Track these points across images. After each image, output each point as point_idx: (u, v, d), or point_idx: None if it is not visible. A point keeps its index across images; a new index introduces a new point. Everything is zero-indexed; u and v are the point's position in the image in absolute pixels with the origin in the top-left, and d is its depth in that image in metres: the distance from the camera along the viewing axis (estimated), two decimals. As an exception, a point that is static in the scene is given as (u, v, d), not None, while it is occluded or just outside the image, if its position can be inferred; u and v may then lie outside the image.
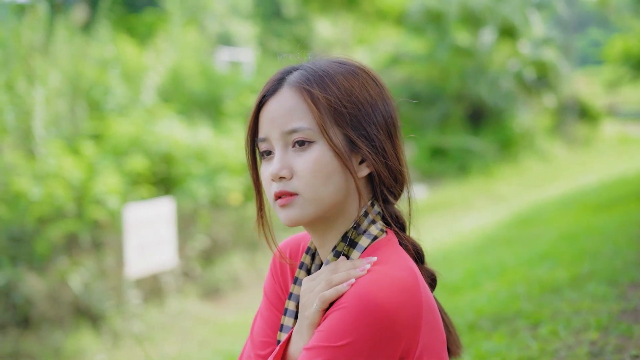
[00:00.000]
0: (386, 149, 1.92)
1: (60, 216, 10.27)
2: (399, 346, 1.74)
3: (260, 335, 2.10)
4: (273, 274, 2.20)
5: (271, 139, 1.91)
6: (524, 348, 3.18)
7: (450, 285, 5.04)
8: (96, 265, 10.24)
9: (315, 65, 1.96)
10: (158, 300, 10.01)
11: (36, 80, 11.54)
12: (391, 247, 1.90)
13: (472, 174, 14.00)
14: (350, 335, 1.71)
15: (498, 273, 4.95)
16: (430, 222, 11.49)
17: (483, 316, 3.71)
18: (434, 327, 1.83)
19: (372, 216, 1.94)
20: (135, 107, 12.30)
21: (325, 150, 1.86)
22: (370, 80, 1.97)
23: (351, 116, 1.89)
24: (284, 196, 1.88)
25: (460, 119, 15.78)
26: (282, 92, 1.92)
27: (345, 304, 1.75)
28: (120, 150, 11.22)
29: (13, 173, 10.25)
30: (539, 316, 3.56)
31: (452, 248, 7.83)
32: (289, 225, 1.92)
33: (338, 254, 1.91)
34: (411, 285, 1.78)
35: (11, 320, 9.68)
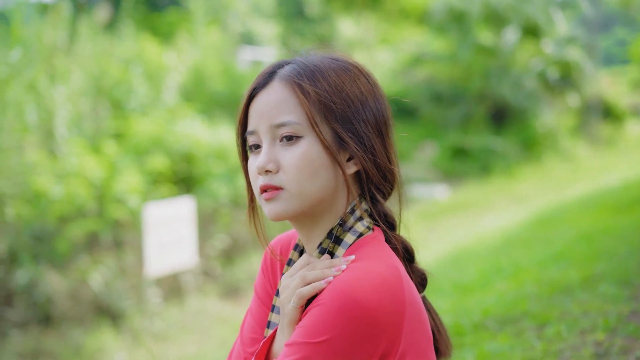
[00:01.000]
0: (375, 147, 1.90)
1: (81, 215, 10.34)
2: (379, 344, 1.72)
3: (249, 332, 2.09)
4: (264, 271, 2.20)
5: (259, 132, 1.90)
6: (528, 349, 3.16)
7: (462, 285, 5.02)
8: (116, 264, 10.29)
9: (307, 60, 1.94)
10: (178, 299, 10.04)
11: (58, 80, 11.61)
12: (376, 244, 1.88)
13: (494, 174, 13.93)
14: (328, 332, 1.70)
15: (511, 273, 4.92)
16: (451, 222, 11.45)
17: (490, 316, 3.69)
18: (419, 327, 1.81)
19: (359, 213, 1.92)
20: (157, 107, 12.35)
21: (313, 146, 1.85)
22: (362, 77, 1.95)
23: (340, 112, 1.87)
24: (270, 190, 1.87)
25: (482, 118, 15.72)
26: (272, 85, 1.91)
27: (323, 300, 1.74)
28: (141, 150, 11.27)
29: (35, 172, 10.33)
30: (546, 317, 3.53)
31: (469, 248, 7.80)
32: (273, 220, 1.91)
33: (323, 250, 1.90)
34: (393, 282, 1.76)
35: (33, 318, 9.75)
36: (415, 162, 14.98)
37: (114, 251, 10.49)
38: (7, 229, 10.25)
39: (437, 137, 15.56)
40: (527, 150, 15.20)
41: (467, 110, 15.73)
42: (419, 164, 14.84)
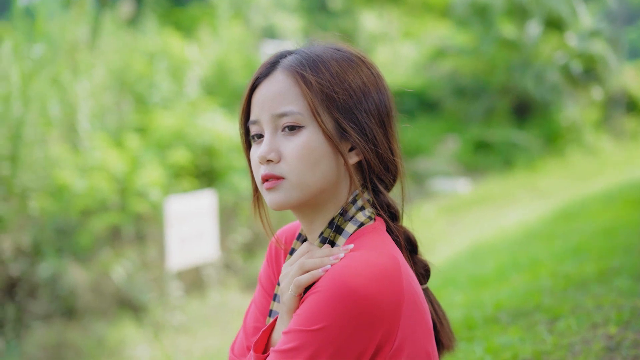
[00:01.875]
0: (377, 138, 1.91)
1: (104, 208, 10.40)
2: (376, 333, 1.73)
3: (253, 322, 2.11)
4: (268, 261, 2.21)
5: (261, 122, 1.91)
6: (539, 342, 3.14)
7: (478, 279, 5.01)
8: (139, 257, 10.35)
9: (310, 50, 1.95)
10: (199, 293, 10.09)
11: (81, 74, 11.69)
12: (377, 234, 1.89)
13: (517, 168, 13.87)
14: (324, 320, 1.71)
15: (527, 267, 4.91)
16: (473, 216, 11.42)
17: (502, 309, 3.69)
18: (418, 318, 1.81)
19: (360, 203, 1.93)
20: (179, 101, 12.40)
21: (315, 136, 1.86)
22: (365, 69, 1.96)
23: (342, 102, 1.88)
24: (271, 179, 1.88)
25: (505, 112, 15.64)
26: (274, 75, 1.92)
27: (320, 288, 1.74)
28: (163, 143, 11.32)
29: (58, 166, 10.40)
30: (559, 310, 3.52)
31: (489, 242, 7.78)
32: (274, 209, 1.92)
33: (324, 240, 1.90)
34: (391, 272, 1.77)
35: (56, 310, 9.82)
36: (437, 155, 14.95)
37: (136, 244, 10.55)
38: (31, 222, 10.34)
39: (460, 131, 15.50)
40: (550, 144, 15.11)
41: (489, 104, 15.65)
42: (441, 158, 14.80)
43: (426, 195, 13.27)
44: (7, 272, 9.91)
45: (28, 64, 11.51)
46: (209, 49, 13.77)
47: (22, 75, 11.17)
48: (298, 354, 1.72)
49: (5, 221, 10.12)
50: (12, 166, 10.41)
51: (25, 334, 9.42)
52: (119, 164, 10.52)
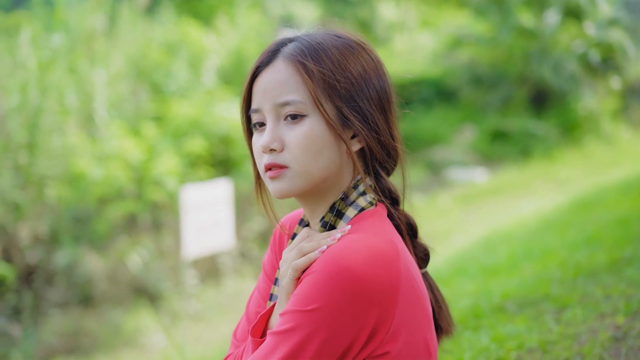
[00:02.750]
0: (379, 124, 1.92)
1: (120, 197, 10.45)
2: (370, 314, 1.73)
3: (255, 307, 2.12)
4: (272, 248, 2.23)
5: (263, 111, 1.92)
6: (545, 332, 3.14)
7: (490, 268, 5.00)
8: (155, 246, 10.40)
9: (310, 38, 1.96)
10: (215, 281, 10.12)
11: (99, 63, 11.73)
12: (376, 219, 1.90)
13: (534, 158, 13.79)
14: (319, 300, 1.72)
15: (539, 256, 4.89)
16: (489, 206, 11.38)
17: (510, 299, 3.68)
18: (416, 305, 1.82)
19: (362, 188, 1.94)
20: (196, 89, 12.41)
21: (317, 124, 1.87)
22: (366, 55, 1.97)
23: (344, 90, 1.89)
24: (274, 168, 1.89)
25: (522, 101, 15.55)
26: (276, 63, 1.93)
27: (315, 268, 1.75)
28: (180, 132, 11.35)
29: (75, 154, 10.45)
30: (567, 300, 3.51)
31: (504, 231, 7.75)
32: (277, 197, 1.94)
33: (325, 224, 1.92)
34: (388, 256, 1.77)
35: (73, 298, 9.89)
36: (454, 145, 14.89)
37: (152, 233, 10.60)
38: (48, 210, 10.41)
39: (477, 120, 15.43)
40: (568, 134, 15.00)
41: (507, 93, 15.57)
42: (457, 147, 14.74)
43: (442, 184, 13.23)
44: (25, 259, 9.99)
45: (46, 53, 11.56)
46: (226, 38, 13.77)
47: (40, 64, 11.22)
48: (294, 334, 1.73)
49: (23, 209, 10.19)
50: (30, 154, 10.48)
51: (42, 322, 9.49)
52: (135, 152, 10.56)
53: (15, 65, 11.24)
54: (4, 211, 10.03)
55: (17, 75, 11.01)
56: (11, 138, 10.47)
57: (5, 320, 9.37)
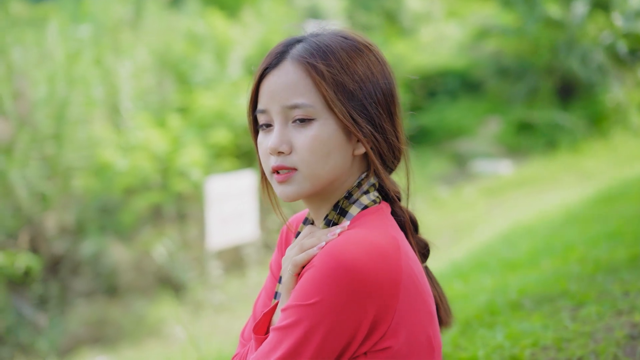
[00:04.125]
0: (385, 127, 1.93)
1: (146, 188, 10.51)
2: (370, 307, 1.74)
3: (261, 307, 2.13)
4: (279, 247, 2.24)
5: (271, 112, 1.92)
6: (561, 329, 3.12)
7: (509, 262, 4.97)
8: (179, 236, 10.45)
9: (318, 39, 1.94)
10: (239, 272, 10.14)
11: (124, 55, 11.79)
12: (379, 215, 1.91)
13: (561, 150, 13.67)
14: (319, 294, 1.72)
15: (559, 251, 4.85)
16: (515, 198, 11.32)
17: (527, 295, 3.66)
18: (418, 300, 1.82)
19: (366, 187, 1.95)
20: (222, 81, 12.43)
21: (326, 128, 1.87)
22: (373, 57, 1.96)
23: (352, 92, 1.89)
24: (282, 171, 1.90)
25: (549, 93, 15.40)
26: (284, 65, 1.92)
27: (315, 263, 1.76)
28: (205, 123, 11.38)
29: (101, 145, 10.52)
30: (585, 297, 3.48)
31: (527, 225, 7.69)
32: (286, 201, 1.94)
33: (329, 222, 1.92)
34: (388, 251, 1.78)
35: (98, 288, 9.97)
36: (479, 137, 14.82)
37: (177, 223, 10.65)
38: (75, 201, 10.50)
39: (503, 112, 15.32)
40: (595, 126, 14.85)
41: (533, 85, 15.44)
42: (483, 139, 14.67)
43: (468, 176, 13.18)
44: (51, 250, 10.09)
45: (73, 45, 11.64)
46: (252, 30, 13.78)
47: (67, 56, 11.31)
48: (295, 328, 1.74)
49: (50, 200, 10.29)
50: (57, 145, 10.57)
51: (67, 311, 9.58)
52: (160, 143, 10.61)
53: (43, 56, 11.33)
54: (31, 202, 10.14)
55: (44, 67, 11.10)
56: (38, 129, 10.57)
57: (31, 310, 9.47)
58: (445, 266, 6.18)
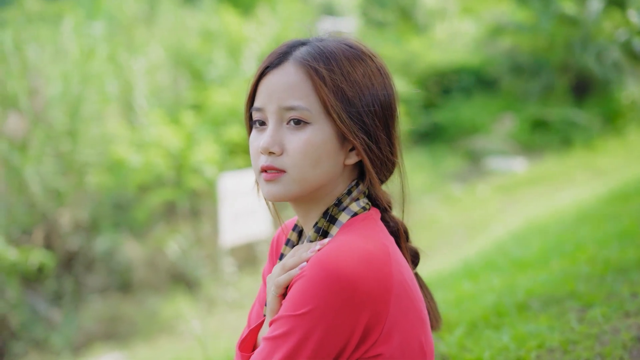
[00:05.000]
0: (380, 139, 1.92)
1: (160, 184, 10.53)
2: (361, 316, 1.74)
3: (256, 317, 2.13)
4: (270, 257, 2.24)
5: (266, 111, 1.91)
6: (567, 331, 3.11)
7: (519, 262, 4.95)
8: (193, 233, 10.47)
9: (322, 44, 1.94)
10: (252, 269, 10.15)
11: (138, 52, 11.82)
12: (369, 222, 1.91)
13: (575, 148, 13.63)
14: (309, 303, 1.72)
15: (570, 251, 4.83)
16: (528, 196, 11.29)
17: (534, 296, 3.65)
18: (410, 307, 1.82)
19: (355, 194, 1.94)
20: (236, 78, 12.44)
21: (320, 133, 1.87)
22: (375, 68, 1.95)
23: (351, 101, 1.88)
24: (271, 171, 1.89)
25: (564, 90, 15.35)
26: (285, 66, 1.91)
27: (305, 272, 1.76)
28: (218, 120, 11.39)
29: (115, 142, 10.55)
30: (593, 298, 3.46)
31: (539, 223, 7.66)
32: (270, 200, 1.95)
33: (318, 229, 1.91)
34: (378, 258, 1.78)
35: (112, 284, 10.00)
36: (493, 134, 14.78)
37: (190, 220, 10.68)
38: (89, 197, 10.53)
39: (517, 109, 15.27)
40: (610, 123, 14.79)
41: (548, 82, 15.39)
42: (497, 136, 14.63)
43: (482, 174, 13.16)
44: (65, 246, 10.13)
45: (87, 42, 11.68)
46: (266, 27, 13.78)
47: (82, 53, 11.34)
48: (287, 339, 1.74)
49: (64, 196, 10.32)
50: (71, 142, 10.61)
51: (82, 307, 9.63)
52: (174, 140, 10.63)
53: (58, 53, 11.38)
54: (46, 198, 10.18)
55: (59, 64, 11.14)
56: (53, 126, 10.61)
57: (45, 306, 9.52)
58: (455, 265, 6.18)
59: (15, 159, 10.18)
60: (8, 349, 8.98)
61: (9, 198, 10.21)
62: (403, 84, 13.84)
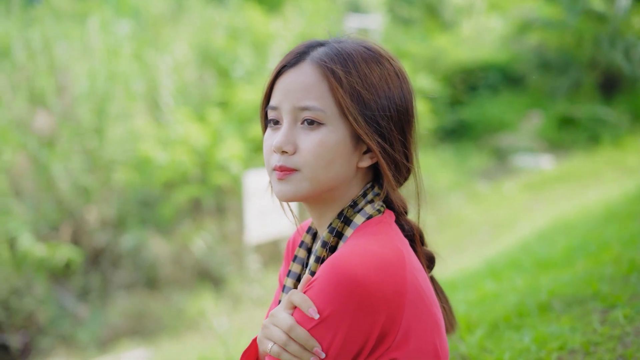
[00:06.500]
0: (395, 144, 1.91)
1: (185, 181, 10.57)
2: (376, 321, 1.73)
3: None
4: (286, 259, 2.25)
5: (281, 110, 1.91)
6: (590, 332, 3.08)
7: (544, 262, 4.92)
8: (218, 230, 10.49)
9: (340, 46, 1.93)
10: (277, 266, 10.15)
11: (165, 49, 11.87)
12: (383, 225, 1.90)
13: (603, 145, 13.51)
14: (325, 309, 1.71)
15: (595, 250, 4.79)
16: (556, 193, 11.22)
17: (557, 296, 3.62)
18: (423, 309, 1.82)
19: (370, 197, 1.94)
20: (262, 75, 12.45)
21: (334, 135, 1.87)
22: (393, 72, 1.95)
23: (367, 104, 1.88)
24: (284, 170, 1.89)
25: (592, 87, 15.23)
26: (302, 66, 1.91)
27: (318, 276, 1.75)
28: (244, 117, 11.40)
29: (141, 139, 10.60)
30: (616, 298, 3.42)
31: (566, 222, 7.61)
32: (281, 200, 1.95)
33: (332, 230, 1.91)
34: (392, 262, 1.77)
35: (138, 281, 10.05)
36: (520, 131, 14.70)
37: (216, 217, 10.70)
38: (115, 194, 10.59)
39: (544, 106, 15.16)
40: (638, 120, 14.69)
41: (576, 79, 15.28)
42: (524, 134, 14.54)
43: (508, 171, 13.09)
44: (92, 242, 10.20)
45: (114, 39, 11.74)
46: (292, 24, 13.78)
47: (108, 51, 11.41)
48: None
49: (91, 193, 10.39)
50: (98, 139, 10.67)
51: (108, 303, 9.68)
52: (200, 137, 10.66)
53: (85, 51, 11.45)
54: (73, 195, 10.25)
55: (86, 62, 11.22)
56: (80, 123, 10.68)
57: (73, 301, 9.59)
58: (479, 264, 6.15)
59: (44, 156, 10.26)
60: (35, 344, 9.06)
61: (37, 194, 10.30)
62: (429, 81, 13.83)
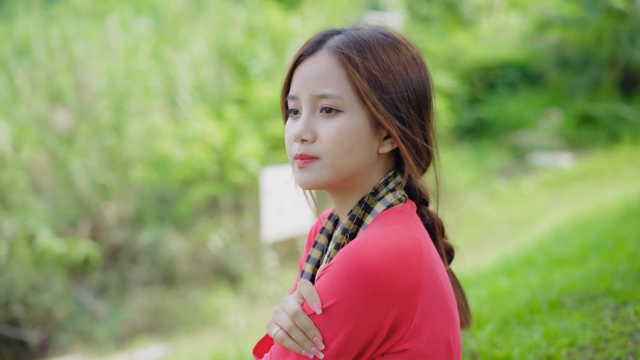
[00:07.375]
0: (414, 128, 1.92)
1: (203, 179, 10.59)
2: (389, 311, 1.73)
3: None
4: (307, 246, 2.25)
5: (300, 99, 1.93)
6: (600, 329, 3.06)
7: (558, 259, 4.90)
8: (235, 228, 10.51)
9: (357, 33, 1.94)
10: (294, 263, 10.17)
11: (183, 47, 11.90)
12: (403, 215, 1.90)
13: (623, 143, 13.40)
14: (336, 295, 1.72)
15: (610, 248, 4.77)
16: (575, 192, 11.16)
17: (569, 293, 3.61)
18: (439, 301, 1.82)
19: (392, 185, 1.95)
20: (280, 72, 12.46)
21: (352, 121, 1.88)
22: (410, 58, 1.96)
23: (385, 89, 1.89)
24: (304, 158, 1.90)
25: (611, 85, 15.13)
26: (320, 54, 1.93)
27: (333, 263, 1.76)
28: (262, 115, 11.42)
29: (159, 137, 10.64)
30: (628, 296, 3.40)
31: (583, 220, 7.57)
32: (302, 187, 1.95)
33: (353, 217, 1.92)
34: (409, 253, 1.77)
35: (156, 278, 10.09)
36: (539, 129, 14.62)
37: (233, 215, 10.72)
38: (133, 191, 10.64)
39: (563, 105, 15.07)
40: (659, 119, 14.60)
41: (595, 77, 15.18)
42: (543, 132, 14.47)
43: (527, 170, 13.03)
44: (110, 239, 10.24)
45: (133, 37, 11.78)
46: (311, 21, 13.78)
47: (127, 49, 11.45)
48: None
49: (109, 190, 10.44)
50: (116, 137, 10.72)
51: (126, 300, 9.72)
52: (218, 135, 10.68)
53: (104, 49, 11.50)
54: (92, 192, 10.31)
55: (105, 59, 11.27)
56: (99, 120, 10.73)
57: (91, 298, 9.64)
58: (495, 261, 6.13)
59: (62, 153, 10.32)
60: (53, 340, 9.12)
61: (56, 191, 10.36)
62: (448, 79, 13.79)
